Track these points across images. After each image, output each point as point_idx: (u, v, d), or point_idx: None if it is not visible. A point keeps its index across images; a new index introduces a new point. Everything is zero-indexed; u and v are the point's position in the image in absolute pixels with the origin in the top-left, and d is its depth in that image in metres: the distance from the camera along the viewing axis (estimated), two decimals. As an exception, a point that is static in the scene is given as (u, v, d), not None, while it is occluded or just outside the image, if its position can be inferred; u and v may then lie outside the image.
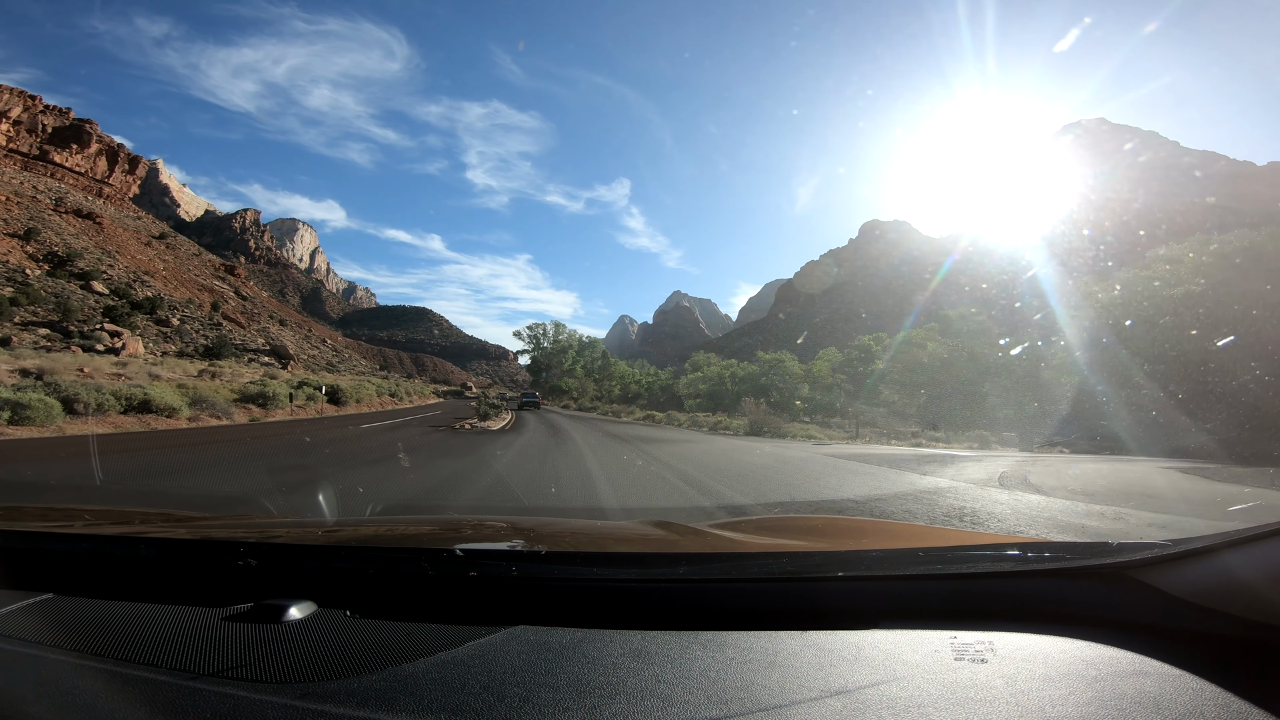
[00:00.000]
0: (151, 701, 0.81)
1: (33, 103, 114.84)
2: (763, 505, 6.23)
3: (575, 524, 2.20)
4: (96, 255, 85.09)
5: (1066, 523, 5.32)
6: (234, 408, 20.57)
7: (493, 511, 5.49)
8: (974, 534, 2.20)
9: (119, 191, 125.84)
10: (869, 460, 11.42)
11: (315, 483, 6.16)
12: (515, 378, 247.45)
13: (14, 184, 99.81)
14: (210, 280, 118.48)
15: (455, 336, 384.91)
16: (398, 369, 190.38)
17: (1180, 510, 6.36)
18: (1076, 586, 1.05)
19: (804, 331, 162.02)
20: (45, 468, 7.19)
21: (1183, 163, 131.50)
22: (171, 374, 27.66)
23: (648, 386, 78.99)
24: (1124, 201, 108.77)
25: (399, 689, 0.83)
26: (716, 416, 36.02)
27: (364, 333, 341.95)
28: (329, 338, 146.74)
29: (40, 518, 1.75)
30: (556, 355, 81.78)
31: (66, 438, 10.95)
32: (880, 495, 6.84)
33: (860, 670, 0.88)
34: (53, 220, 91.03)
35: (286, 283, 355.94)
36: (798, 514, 5.63)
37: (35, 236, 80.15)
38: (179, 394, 17.40)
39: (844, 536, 1.91)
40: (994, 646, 0.94)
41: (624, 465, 9.64)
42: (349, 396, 27.96)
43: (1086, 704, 0.82)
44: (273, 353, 67.42)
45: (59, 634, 0.99)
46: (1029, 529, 5.02)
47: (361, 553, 1.26)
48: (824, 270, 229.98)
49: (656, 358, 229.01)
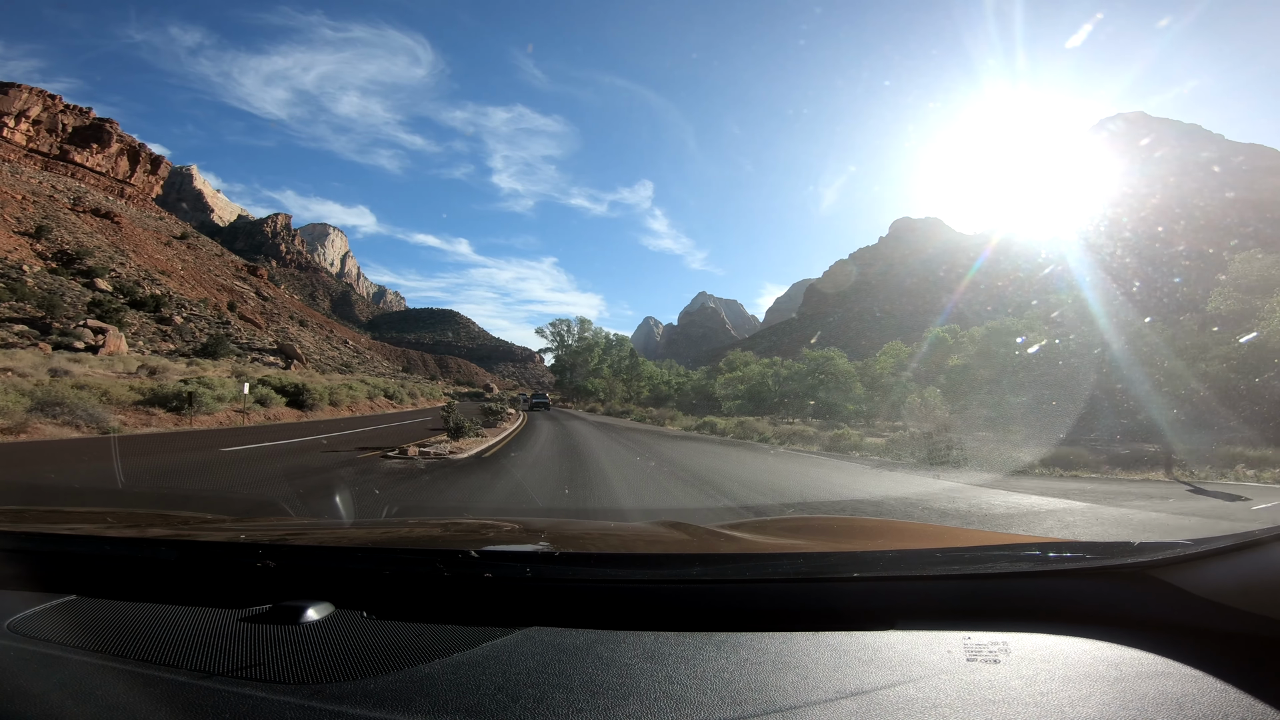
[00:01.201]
0: (172, 701, 0.82)
1: (53, 102, 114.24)
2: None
3: (589, 525, 2.10)
4: (109, 254, 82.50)
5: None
6: (131, 413, 14.59)
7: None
8: (992, 534, 2.07)
9: (141, 192, 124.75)
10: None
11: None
12: (541, 379, 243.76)
13: (32, 183, 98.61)
14: (231, 280, 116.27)
15: (482, 339, 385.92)
16: (421, 371, 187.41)
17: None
18: (1097, 586, 1.03)
19: (827, 331, 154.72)
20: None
21: (1233, 161, 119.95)
22: (108, 372, 22.22)
23: (678, 387, 72.20)
24: (1165, 198, 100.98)
25: (415, 690, 0.83)
26: (791, 425, 29.14)
27: (391, 335, 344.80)
28: (351, 339, 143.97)
29: (45, 520, 1.72)
30: (582, 354, 75.09)
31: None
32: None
33: (876, 671, 0.87)
34: (68, 219, 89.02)
35: (316, 286, 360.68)
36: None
37: (46, 234, 77.95)
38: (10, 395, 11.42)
39: (859, 537, 1.87)
40: (1008, 647, 0.93)
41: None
42: (320, 399, 22.03)
43: (1107, 705, 0.81)
44: (279, 352, 62.90)
45: (82, 635, 1.00)
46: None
47: (378, 554, 1.27)
48: (853, 269, 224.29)
49: (682, 359, 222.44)
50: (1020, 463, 12.28)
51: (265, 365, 54.60)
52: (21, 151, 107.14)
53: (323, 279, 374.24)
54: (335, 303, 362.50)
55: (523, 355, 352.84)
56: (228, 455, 10.17)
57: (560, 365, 78.48)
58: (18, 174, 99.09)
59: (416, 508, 5.11)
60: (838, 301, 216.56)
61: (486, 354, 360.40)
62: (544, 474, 9.22)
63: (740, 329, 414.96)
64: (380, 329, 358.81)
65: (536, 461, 11.10)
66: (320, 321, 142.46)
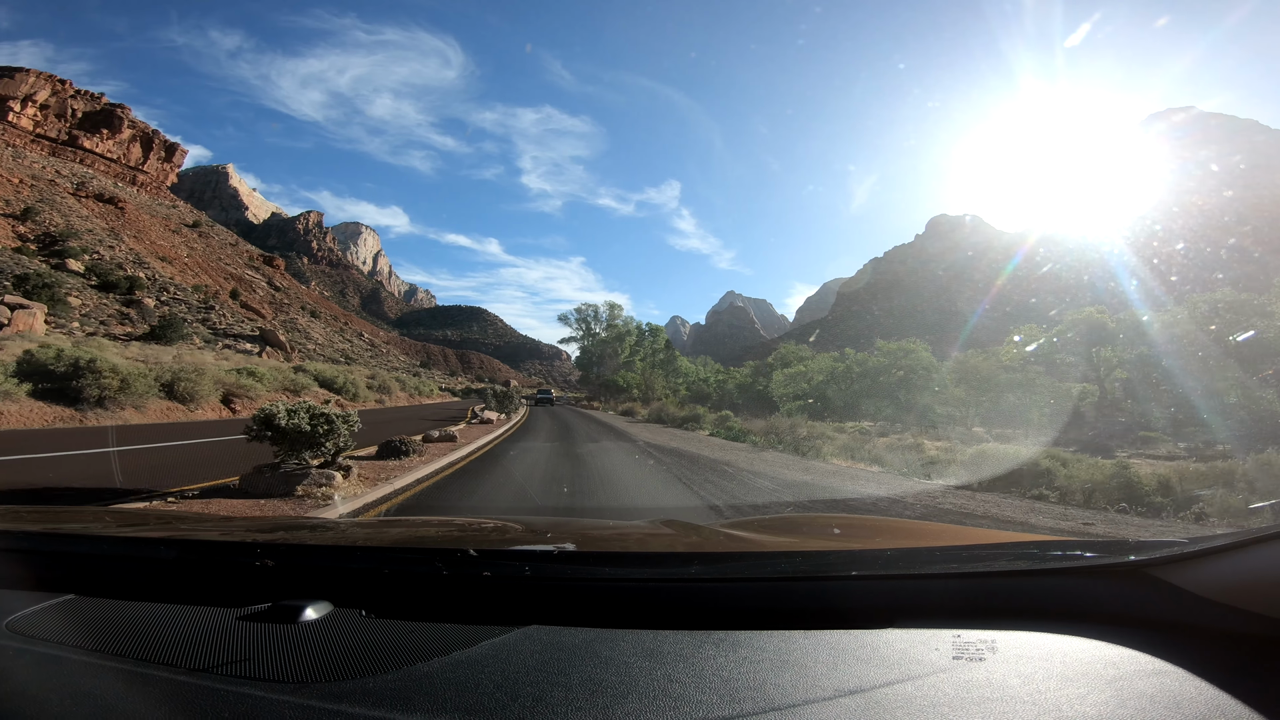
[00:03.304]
0: (170, 701, 0.81)
1: (62, 87, 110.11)
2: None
3: (588, 524, 2.07)
4: (101, 237, 76.26)
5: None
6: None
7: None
8: (991, 532, 2.17)
9: (154, 179, 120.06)
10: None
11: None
12: (569, 377, 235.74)
13: (35, 168, 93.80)
14: (243, 270, 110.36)
15: (509, 336, 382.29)
16: (441, 366, 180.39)
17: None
18: (1094, 585, 1.02)
19: (861, 329, 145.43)
20: None
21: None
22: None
23: (717, 385, 61.14)
24: (1219, 196, 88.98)
25: (414, 688, 0.83)
26: (897, 435, 18.62)
27: (419, 332, 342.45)
28: (369, 332, 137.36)
29: (44, 519, 1.71)
30: (611, 343, 63.83)
31: None
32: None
33: (875, 670, 0.87)
34: (66, 203, 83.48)
35: (347, 283, 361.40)
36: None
37: (33, 217, 72.13)
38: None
39: (858, 535, 1.84)
40: (1011, 645, 0.93)
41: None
42: (190, 391, 12.24)
43: (1104, 703, 0.80)
44: (260, 339, 54.82)
45: (80, 634, 0.99)
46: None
47: (377, 553, 1.27)
48: (888, 267, 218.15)
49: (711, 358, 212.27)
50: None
51: (236, 352, 46.27)
52: (28, 136, 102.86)
53: (353, 276, 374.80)
54: (365, 299, 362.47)
55: (549, 353, 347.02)
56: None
57: (586, 358, 67.24)
58: (20, 158, 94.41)
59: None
60: (871, 299, 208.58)
61: (513, 351, 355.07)
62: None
63: (769, 329, 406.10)
64: (408, 326, 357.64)
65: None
66: (336, 314, 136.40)
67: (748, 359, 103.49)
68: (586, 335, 66.27)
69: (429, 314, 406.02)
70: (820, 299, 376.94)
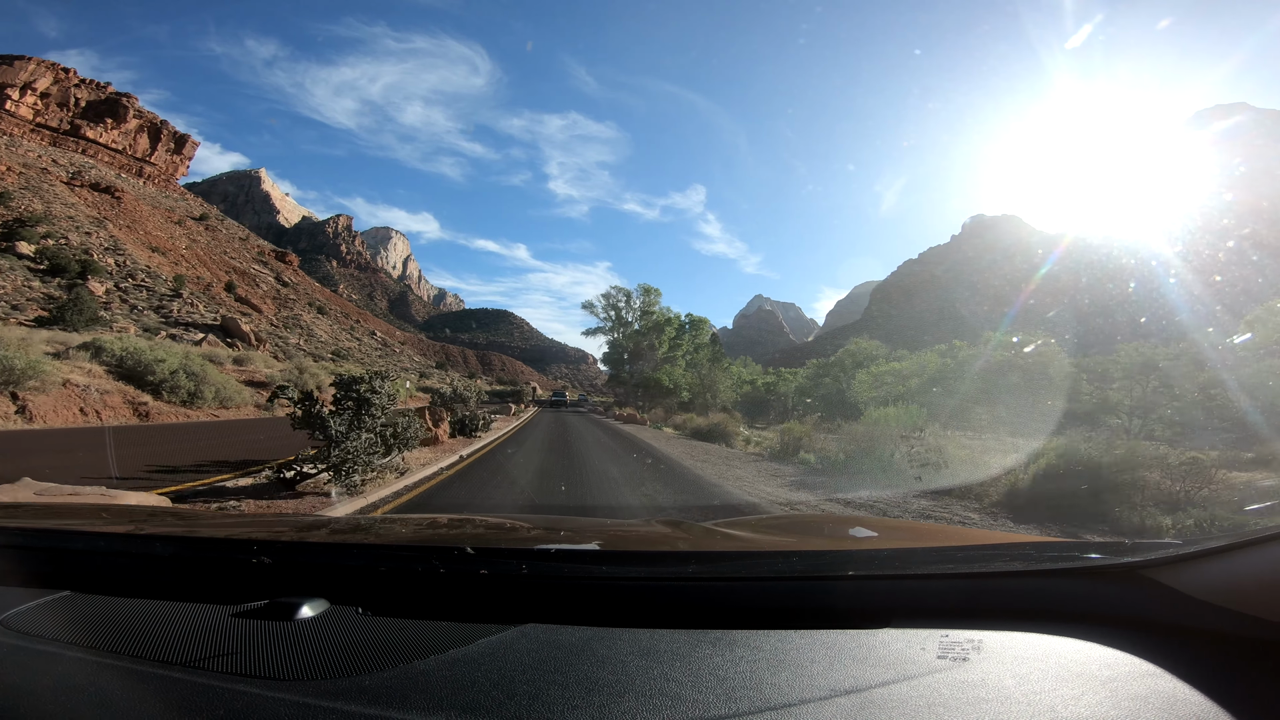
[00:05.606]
0: (166, 698, 0.81)
1: (65, 76, 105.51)
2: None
3: (585, 523, 2.08)
4: (79, 224, 69.06)
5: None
6: None
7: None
8: (987, 533, 2.13)
9: (163, 172, 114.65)
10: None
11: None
12: (595, 381, 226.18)
13: (29, 156, 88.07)
14: (249, 265, 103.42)
15: (535, 339, 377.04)
16: (460, 367, 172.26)
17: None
18: (1090, 586, 1.02)
19: (893, 331, 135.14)
20: None
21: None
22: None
23: (767, 388, 49.19)
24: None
25: (410, 686, 0.82)
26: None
27: (445, 334, 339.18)
28: (382, 331, 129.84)
29: (40, 515, 1.72)
30: (646, 335, 52.07)
31: None
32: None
33: (871, 669, 0.87)
34: (53, 190, 76.94)
35: (375, 286, 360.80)
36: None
37: (5, 202, 65.32)
38: None
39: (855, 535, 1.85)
40: (1006, 646, 0.93)
41: None
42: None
43: (1099, 704, 0.81)
44: (220, 329, 46.02)
45: (75, 631, 0.99)
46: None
47: (373, 551, 1.26)
48: (924, 269, 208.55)
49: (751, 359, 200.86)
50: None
51: (178, 342, 36.85)
52: (27, 125, 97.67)
53: (381, 279, 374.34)
54: (393, 302, 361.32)
55: (576, 356, 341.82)
56: None
57: (615, 354, 55.08)
58: (15, 147, 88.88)
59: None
60: (905, 301, 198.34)
61: (538, 354, 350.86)
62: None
63: (798, 332, 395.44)
64: (435, 328, 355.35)
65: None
66: (348, 311, 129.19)
67: (779, 363, 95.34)
68: (617, 325, 54.52)
69: (456, 317, 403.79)
70: (850, 303, 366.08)
